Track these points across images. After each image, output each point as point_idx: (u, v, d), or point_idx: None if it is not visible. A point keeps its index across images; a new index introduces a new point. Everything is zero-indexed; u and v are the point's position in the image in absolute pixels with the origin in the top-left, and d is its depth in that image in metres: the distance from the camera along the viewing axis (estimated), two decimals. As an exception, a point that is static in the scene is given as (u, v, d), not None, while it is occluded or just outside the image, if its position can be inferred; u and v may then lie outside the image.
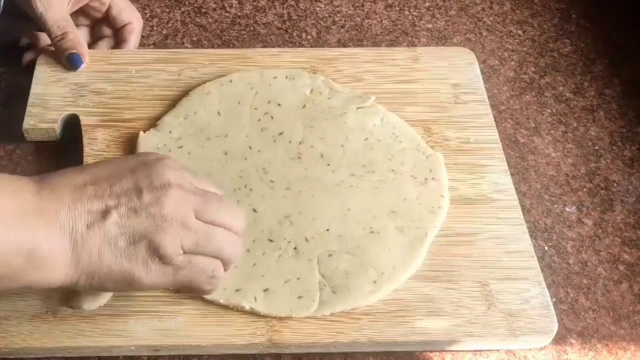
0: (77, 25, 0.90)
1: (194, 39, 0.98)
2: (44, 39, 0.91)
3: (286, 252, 0.73)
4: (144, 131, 0.82)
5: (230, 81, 0.87)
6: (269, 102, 0.86)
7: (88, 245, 0.59)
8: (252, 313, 0.69)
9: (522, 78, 0.96)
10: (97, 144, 0.82)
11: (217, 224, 0.64)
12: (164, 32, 0.99)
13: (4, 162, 0.82)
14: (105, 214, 0.60)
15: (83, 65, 0.88)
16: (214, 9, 1.02)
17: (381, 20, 1.03)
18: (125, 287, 0.62)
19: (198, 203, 0.63)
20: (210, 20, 1.01)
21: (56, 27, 0.86)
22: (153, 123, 0.83)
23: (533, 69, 0.97)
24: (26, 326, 0.67)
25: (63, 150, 0.83)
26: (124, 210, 0.60)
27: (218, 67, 0.90)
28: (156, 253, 0.61)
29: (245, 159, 0.80)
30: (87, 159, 0.80)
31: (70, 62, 0.87)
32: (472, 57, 0.93)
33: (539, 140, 0.89)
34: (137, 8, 0.94)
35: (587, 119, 0.92)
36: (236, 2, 1.04)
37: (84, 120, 0.83)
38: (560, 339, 0.72)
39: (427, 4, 1.05)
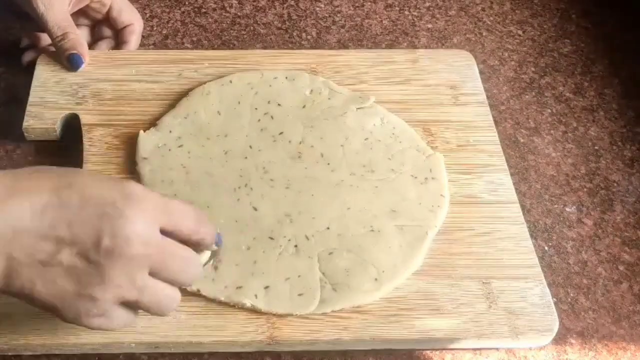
0: (77, 25, 0.90)
1: (194, 39, 0.98)
2: (45, 39, 0.91)
3: (287, 250, 0.73)
4: (144, 130, 0.82)
5: (231, 81, 0.87)
6: (269, 102, 0.86)
7: (22, 277, 0.55)
8: (253, 310, 0.69)
9: (522, 78, 0.96)
10: (97, 143, 0.82)
11: (168, 282, 0.60)
12: (164, 32, 0.99)
13: (4, 162, 0.82)
14: (53, 251, 0.55)
15: (83, 66, 0.88)
16: (214, 9, 1.02)
17: (381, 20, 1.03)
18: (53, 313, 0.59)
19: (156, 262, 0.58)
20: (210, 20, 1.01)
21: (57, 27, 0.86)
22: (153, 123, 0.83)
23: (533, 69, 0.97)
24: (27, 323, 0.67)
25: (63, 150, 0.83)
26: (74, 253, 0.55)
27: (218, 67, 0.90)
28: (88, 309, 0.57)
29: (246, 158, 0.80)
30: (88, 159, 0.80)
31: (70, 62, 0.87)
32: (471, 59, 0.94)
33: (539, 140, 0.89)
34: (137, 8, 0.94)
35: (587, 119, 0.92)
36: (236, 2, 1.04)
37: (84, 119, 0.83)
38: (560, 339, 0.72)
39: (427, 4, 1.05)
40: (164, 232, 0.59)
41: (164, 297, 0.60)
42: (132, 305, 0.60)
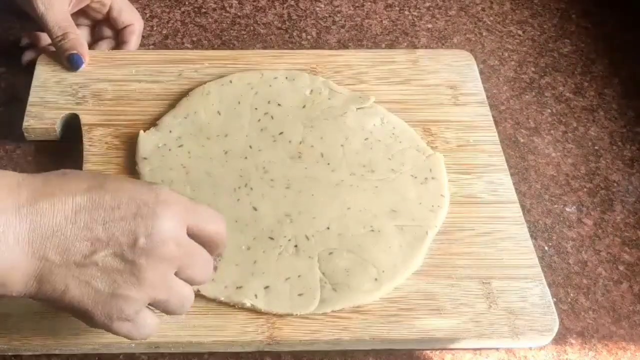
0: (77, 25, 0.90)
1: (194, 39, 0.98)
2: (45, 39, 0.91)
3: (287, 250, 0.73)
4: (144, 130, 0.82)
5: (231, 81, 0.87)
6: (269, 102, 0.86)
7: (55, 278, 0.55)
8: (253, 310, 0.69)
9: (522, 78, 0.96)
10: (97, 143, 0.82)
11: (188, 281, 0.61)
12: (164, 32, 0.99)
13: (4, 162, 0.82)
14: (88, 252, 0.55)
15: (83, 66, 0.88)
16: (214, 9, 1.02)
17: (381, 20, 1.03)
18: (81, 319, 0.59)
19: (183, 262, 0.59)
20: (210, 20, 1.01)
21: (57, 27, 0.86)
22: (153, 123, 0.83)
23: (533, 69, 0.97)
24: (27, 323, 0.67)
25: (63, 150, 0.83)
26: (109, 254, 0.56)
27: (218, 67, 0.90)
28: (120, 309, 0.57)
29: (246, 158, 0.80)
30: (88, 159, 0.80)
31: (70, 62, 0.87)
32: (471, 59, 0.94)
33: (539, 140, 0.89)
34: (137, 8, 0.94)
35: (587, 119, 0.92)
36: (236, 2, 1.04)
37: (84, 119, 0.83)
38: (560, 339, 0.72)
39: (427, 4, 1.05)
40: (188, 233, 0.60)
41: (186, 296, 0.61)
42: (158, 306, 0.60)
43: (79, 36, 0.88)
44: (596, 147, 0.89)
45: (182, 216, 0.59)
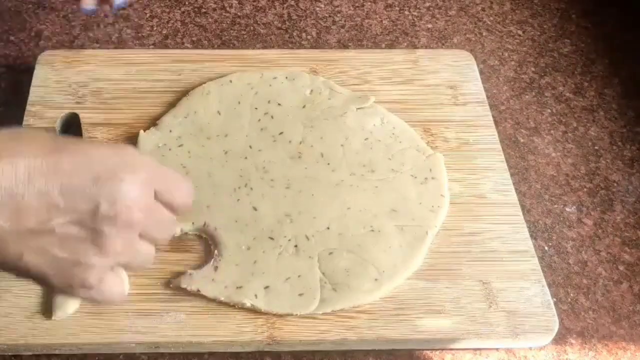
0: None
1: (194, 39, 0.98)
2: None
3: (287, 250, 0.73)
4: (144, 130, 0.82)
5: (230, 81, 0.87)
6: (269, 102, 0.86)
7: (7, 246, 0.51)
8: (253, 310, 0.69)
9: (522, 78, 0.96)
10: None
11: (151, 241, 0.58)
12: (164, 32, 0.99)
13: (4, 161, 0.82)
14: (44, 219, 0.51)
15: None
16: (214, 9, 1.02)
17: (381, 20, 1.03)
18: (35, 283, 0.56)
19: (147, 225, 0.55)
20: (210, 20, 1.01)
21: None
22: (153, 122, 0.83)
23: (533, 69, 0.97)
24: (27, 323, 0.67)
25: (63, 149, 0.83)
26: (67, 220, 0.52)
27: (218, 67, 0.90)
28: (83, 278, 0.54)
29: (246, 158, 0.80)
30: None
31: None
32: (471, 59, 0.94)
33: (539, 140, 0.89)
34: (137, 8, 0.94)
35: (587, 119, 0.92)
36: (236, 2, 1.04)
37: (84, 119, 0.83)
38: (560, 339, 0.72)
39: (427, 4, 1.05)
40: (155, 196, 0.56)
41: (149, 254, 0.58)
42: (120, 266, 0.57)
43: None
44: (596, 147, 0.89)
45: (147, 181, 0.55)
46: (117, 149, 0.55)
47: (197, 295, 0.69)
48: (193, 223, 0.75)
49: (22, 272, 0.53)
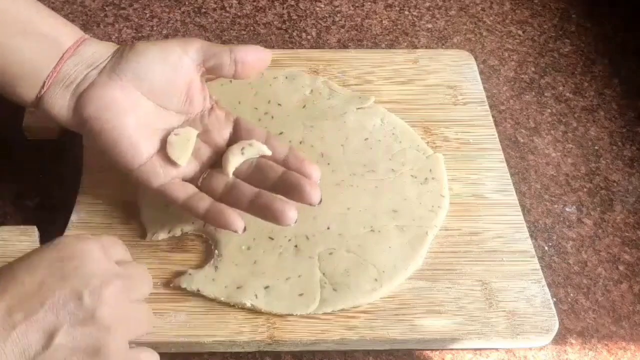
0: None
1: (194, 39, 0.98)
2: None
3: (287, 250, 0.73)
4: (144, 130, 0.82)
5: (230, 81, 0.87)
6: (269, 102, 0.86)
7: None
8: (253, 310, 0.69)
9: (522, 78, 0.96)
10: (97, 143, 0.82)
11: (142, 298, 0.62)
12: (164, 32, 0.99)
13: (4, 161, 0.82)
14: (47, 340, 0.53)
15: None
16: (214, 9, 1.02)
17: (381, 20, 1.03)
18: None
19: (127, 287, 0.59)
20: (210, 20, 1.01)
21: None
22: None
23: (533, 69, 0.97)
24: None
25: (63, 149, 0.83)
26: (67, 328, 0.54)
27: (218, 66, 0.90)
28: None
29: (246, 158, 0.80)
30: (87, 158, 0.80)
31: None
32: (471, 59, 0.94)
33: (539, 140, 0.89)
34: (137, 8, 0.94)
35: (587, 119, 0.92)
36: (236, 2, 1.04)
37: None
38: (560, 339, 0.72)
39: (427, 4, 1.05)
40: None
41: (149, 314, 0.63)
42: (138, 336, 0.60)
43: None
44: (596, 147, 0.89)
45: (101, 253, 0.59)
46: (55, 242, 0.59)
47: (197, 295, 0.69)
48: (193, 223, 0.75)
49: None
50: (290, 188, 0.69)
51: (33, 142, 0.83)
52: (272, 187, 0.70)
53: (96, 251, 0.58)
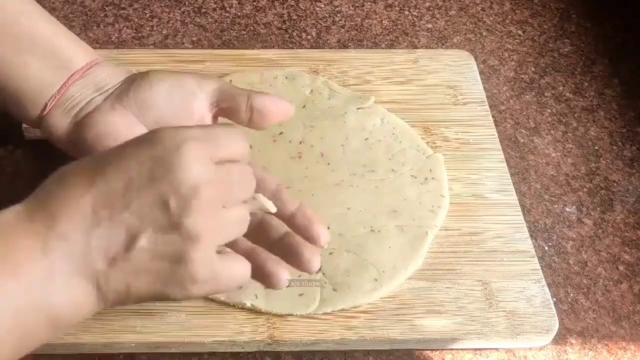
0: None
1: (194, 39, 0.98)
2: None
3: (287, 250, 0.73)
4: (144, 130, 0.82)
5: (230, 81, 0.87)
6: (269, 102, 0.86)
7: (113, 284, 0.51)
8: (253, 310, 0.69)
9: (522, 78, 0.96)
10: (97, 143, 0.81)
11: (242, 202, 0.57)
12: (164, 32, 0.99)
13: (4, 162, 0.82)
14: (129, 242, 0.51)
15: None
16: (214, 9, 1.02)
17: (381, 20, 1.03)
18: (163, 301, 0.55)
19: (225, 192, 0.54)
20: (210, 20, 1.01)
21: None
22: (153, 123, 0.83)
23: (533, 69, 0.97)
24: (26, 324, 0.67)
25: (63, 150, 0.83)
26: (151, 232, 0.51)
27: (218, 67, 0.90)
28: (192, 274, 0.53)
29: (246, 158, 0.80)
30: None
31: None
32: (471, 59, 0.94)
33: (539, 140, 0.89)
34: (137, 8, 0.94)
35: (587, 119, 0.92)
36: (236, 2, 1.04)
37: (84, 119, 0.83)
38: (560, 339, 0.72)
39: (427, 4, 1.05)
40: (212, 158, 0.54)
41: (241, 220, 0.57)
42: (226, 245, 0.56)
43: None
44: (596, 147, 0.89)
45: (199, 153, 0.52)
46: (152, 135, 0.53)
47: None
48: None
49: (137, 299, 0.54)
50: (288, 252, 0.63)
51: (33, 142, 0.83)
52: (271, 247, 0.64)
53: (194, 151, 0.52)
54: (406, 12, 1.04)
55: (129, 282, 0.52)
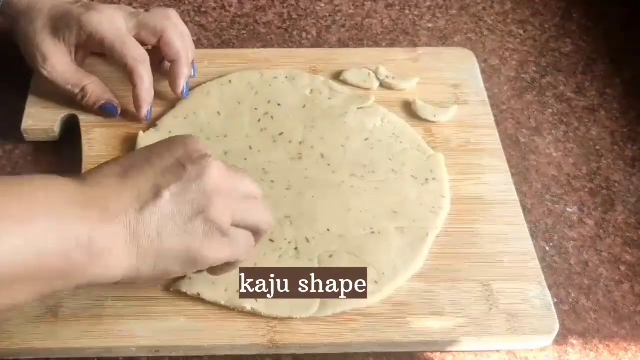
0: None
1: (194, 38, 0.97)
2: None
3: (287, 253, 0.73)
4: (144, 131, 0.82)
5: (230, 81, 0.87)
6: (269, 102, 0.86)
7: (145, 229, 0.58)
8: (253, 314, 0.69)
9: (523, 78, 0.96)
10: (96, 144, 0.81)
11: (249, 195, 0.65)
12: (164, 31, 0.98)
13: (4, 162, 0.82)
14: (156, 193, 0.59)
15: (119, 111, 0.84)
16: (214, 8, 1.02)
17: (382, 20, 1.02)
18: (189, 267, 0.62)
19: (233, 178, 0.63)
20: (210, 19, 1.01)
21: (70, 85, 0.82)
22: (153, 123, 0.83)
23: (534, 68, 0.97)
24: (27, 327, 0.67)
25: (62, 151, 0.83)
26: (174, 186, 0.59)
27: (218, 67, 0.90)
28: (214, 225, 0.60)
29: (246, 159, 0.80)
30: (86, 159, 0.80)
31: (105, 113, 0.84)
32: (472, 57, 0.94)
33: (540, 140, 0.89)
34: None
35: (588, 118, 0.91)
36: (236, 1, 1.04)
37: (83, 120, 0.83)
38: (561, 340, 0.72)
39: (428, 3, 1.05)
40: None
41: (258, 209, 0.66)
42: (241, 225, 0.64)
43: (98, 82, 0.84)
44: (597, 147, 0.88)
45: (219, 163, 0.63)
46: (177, 143, 0.63)
47: (198, 299, 0.69)
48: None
49: (171, 250, 0.60)
50: None
51: (33, 143, 0.83)
52: None
53: (218, 170, 0.62)
54: (407, 12, 1.04)
55: (159, 229, 0.59)
